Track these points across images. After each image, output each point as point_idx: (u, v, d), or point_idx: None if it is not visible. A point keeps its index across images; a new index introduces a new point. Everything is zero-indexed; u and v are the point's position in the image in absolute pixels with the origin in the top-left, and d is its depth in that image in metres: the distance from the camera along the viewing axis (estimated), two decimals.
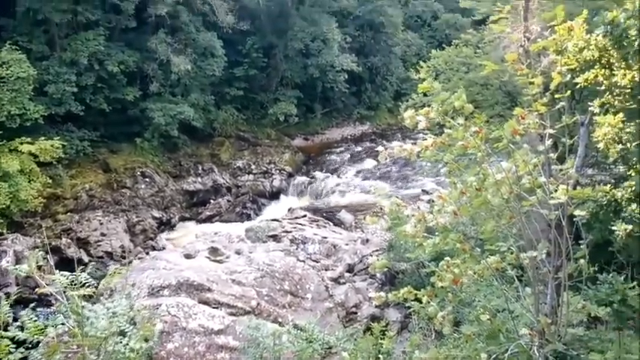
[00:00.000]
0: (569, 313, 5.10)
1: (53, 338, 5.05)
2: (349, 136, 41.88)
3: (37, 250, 17.25)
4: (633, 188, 7.79)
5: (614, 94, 7.88)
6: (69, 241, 23.03)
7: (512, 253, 4.96)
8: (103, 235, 24.19)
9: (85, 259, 22.50)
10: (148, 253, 21.54)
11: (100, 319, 4.79)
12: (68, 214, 24.95)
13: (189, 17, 31.11)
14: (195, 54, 30.84)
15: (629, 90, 7.80)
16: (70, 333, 4.75)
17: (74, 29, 27.89)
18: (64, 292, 4.79)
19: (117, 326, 4.82)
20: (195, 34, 31.22)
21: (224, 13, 32.03)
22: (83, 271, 5.35)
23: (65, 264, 18.60)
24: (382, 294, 5.34)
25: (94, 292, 5.04)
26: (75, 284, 4.83)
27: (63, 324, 4.96)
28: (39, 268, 4.81)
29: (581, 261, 5.13)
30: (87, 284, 4.92)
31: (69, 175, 26.36)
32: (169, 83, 30.60)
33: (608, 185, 8.45)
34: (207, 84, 32.95)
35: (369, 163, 34.23)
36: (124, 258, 21.76)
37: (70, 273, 4.98)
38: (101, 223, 24.72)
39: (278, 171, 32.62)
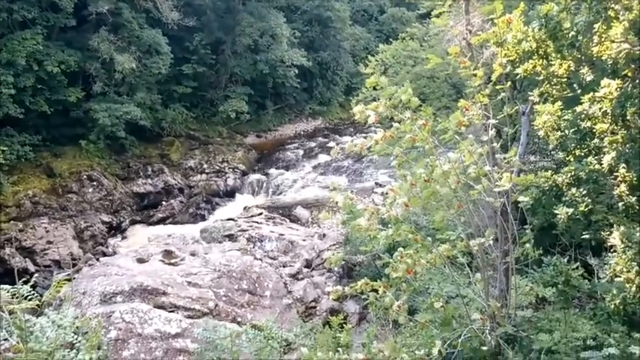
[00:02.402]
0: (517, 296, 5.29)
1: None
2: (302, 132, 41.85)
3: None
4: (572, 173, 8.14)
5: (552, 83, 8.20)
6: (13, 250, 21.94)
7: (461, 241, 5.09)
8: (49, 242, 23.18)
9: (32, 268, 21.54)
10: (98, 260, 20.79)
11: (45, 332, 4.58)
12: (11, 222, 23.73)
13: (131, 14, 30.10)
14: (139, 52, 29.88)
15: (565, 79, 8.13)
16: (14, 349, 4.52)
17: (10, 28, 26.48)
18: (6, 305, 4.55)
19: (63, 338, 4.62)
20: (139, 32, 30.24)
21: (168, 10, 31.19)
22: (26, 282, 5.09)
23: (10, 275, 17.71)
24: (339, 287, 5.38)
25: (38, 304, 4.81)
26: (17, 297, 4.59)
27: (6, 339, 4.71)
28: None
29: (527, 245, 5.34)
30: (29, 297, 4.68)
31: (10, 181, 25.06)
32: (114, 82, 29.54)
33: (550, 171, 8.80)
34: (154, 82, 32.04)
35: (323, 158, 34.34)
36: (74, 266, 20.95)
37: (10, 286, 4.72)
38: (47, 231, 23.68)
39: (231, 169, 32.18)
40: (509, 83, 5.69)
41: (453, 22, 15.82)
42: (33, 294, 4.85)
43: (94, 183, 27.35)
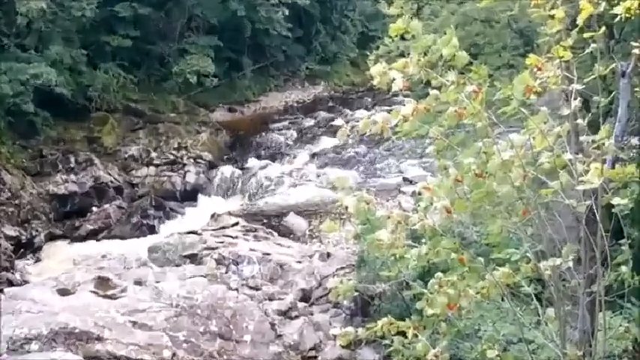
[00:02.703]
0: (607, 340, 5.38)
1: None
2: (296, 104, 42.02)
3: None
4: None
5: None
6: None
7: (528, 263, 5.18)
8: None
9: None
10: (1, 291, 20.99)
11: None
12: None
13: None
14: None
15: None
16: None
17: None
18: None
19: None
20: None
21: None
22: None
23: None
24: (350, 329, 5.48)
25: None
26: None
27: None
28: None
29: (623, 268, 5.42)
30: None
31: None
32: (15, 31, 29.65)
33: None
34: (75, 30, 32.18)
35: (326, 143, 34.47)
36: None
37: None
38: None
39: (192, 160, 32.39)
40: (602, 29, 5.69)
41: None
42: None
43: None
